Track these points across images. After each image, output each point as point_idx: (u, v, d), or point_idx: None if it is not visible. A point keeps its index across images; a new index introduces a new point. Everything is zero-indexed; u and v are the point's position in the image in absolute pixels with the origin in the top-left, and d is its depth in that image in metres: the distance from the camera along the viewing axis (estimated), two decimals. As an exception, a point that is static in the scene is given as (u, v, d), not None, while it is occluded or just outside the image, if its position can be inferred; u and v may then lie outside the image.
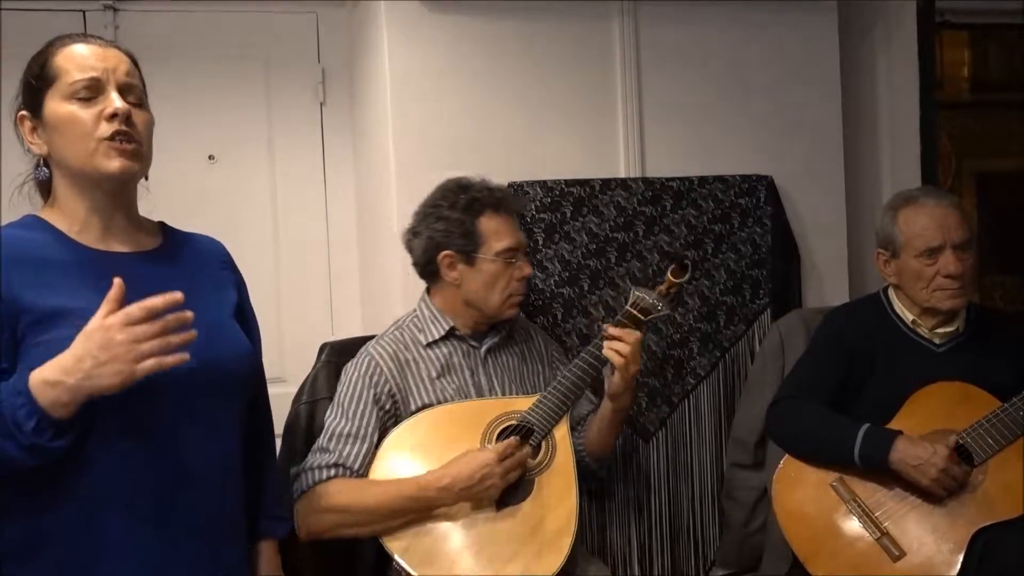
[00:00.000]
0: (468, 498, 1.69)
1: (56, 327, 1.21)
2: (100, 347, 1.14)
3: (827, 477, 1.89)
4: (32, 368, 1.17)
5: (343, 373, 1.87)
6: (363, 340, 2.10)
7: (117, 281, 1.17)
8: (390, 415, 1.81)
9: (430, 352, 1.88)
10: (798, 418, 1.96)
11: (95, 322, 1.16)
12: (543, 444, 1.78)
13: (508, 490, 1.72)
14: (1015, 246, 3.56)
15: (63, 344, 1.17)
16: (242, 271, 1.51)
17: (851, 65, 2.65)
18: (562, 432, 1.80)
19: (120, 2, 2.49)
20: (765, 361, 2.22)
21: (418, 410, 1.82)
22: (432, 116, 2.28)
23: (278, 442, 1.84)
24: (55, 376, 1.15)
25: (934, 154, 2.72)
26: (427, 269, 1.91)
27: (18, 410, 1.14)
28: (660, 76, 2.42)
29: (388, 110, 2.26)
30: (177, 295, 1.17)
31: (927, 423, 1.87)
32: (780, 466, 1.93)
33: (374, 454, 1.77)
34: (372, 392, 1.80)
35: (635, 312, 1.88)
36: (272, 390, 1.57)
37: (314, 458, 1.77)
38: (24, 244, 1.27)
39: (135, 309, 1.15)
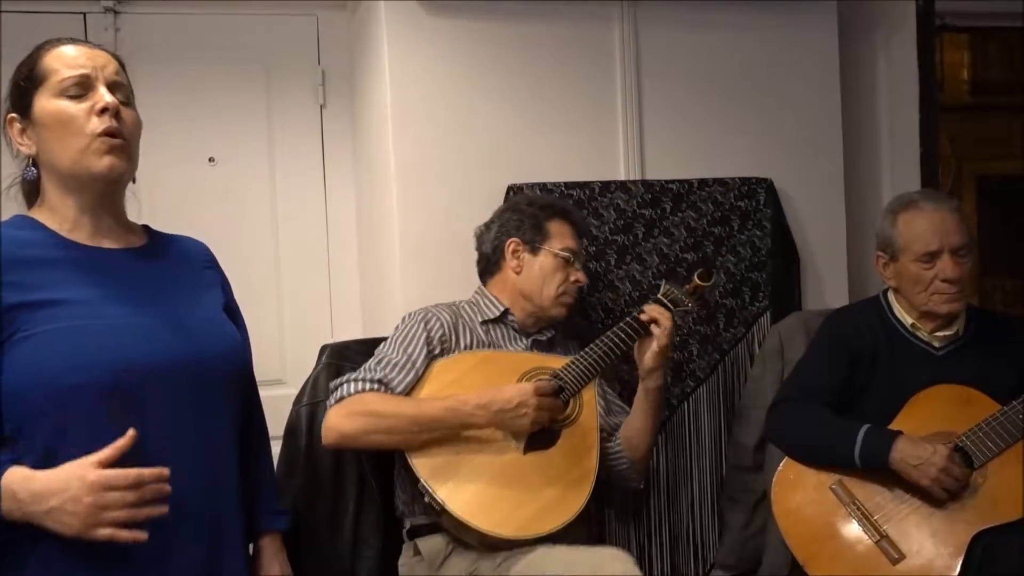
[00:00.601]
0: (501, 423, 1.75)
1: (47, 320, 1.23)
2: (69, 498, 1.16)
3: (827, 479, 1.89)
4: (15, 366, 1.19)
5: (400, 321, 1.94)
6: (363, 342, 2.11)
7: (130, 432, 1.19)
8: (436, 359, 1.87)
9: (480, 328, 1.97)
10: (798, 420, 1.96)
11: (82, 467, 1.17)
12: (572, 402, 1.87)
13: (534, 437, 1.79)
14: (1015, 249, 3.56)
15: (53, 335, 1.18)
16: (242, 273, 1.53)
17: (851, 68, 2.65)
18: (590, 395, 1.89)
19: (121, 4, 2.49)
20: (765, 364, 2.22)
21: None
22: (432, 119, 2.28)
23: (278, 444, 1.85)
24: (22, 493, 1.17)
25: (934, 157, 2.72)
26: (492, 258, 2.02)
27: None
28: (660, 79, 2.42)
29: (388, 112, 2.27)
30: (165, 471, 1.19)
31: (927, 426, 1.87)
32: (780, 469, 1.93)
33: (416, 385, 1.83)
34: (426, 334, 1.88)
35: (666, 301, 1.97)
36: (272, 392, 1.59)
37: (359, 373, 1.82)
38: (12, 244, 1.28)
39: (120, 476, 1.17)
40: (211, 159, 2.58)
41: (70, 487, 1.16)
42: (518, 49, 2.33)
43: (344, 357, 2.03)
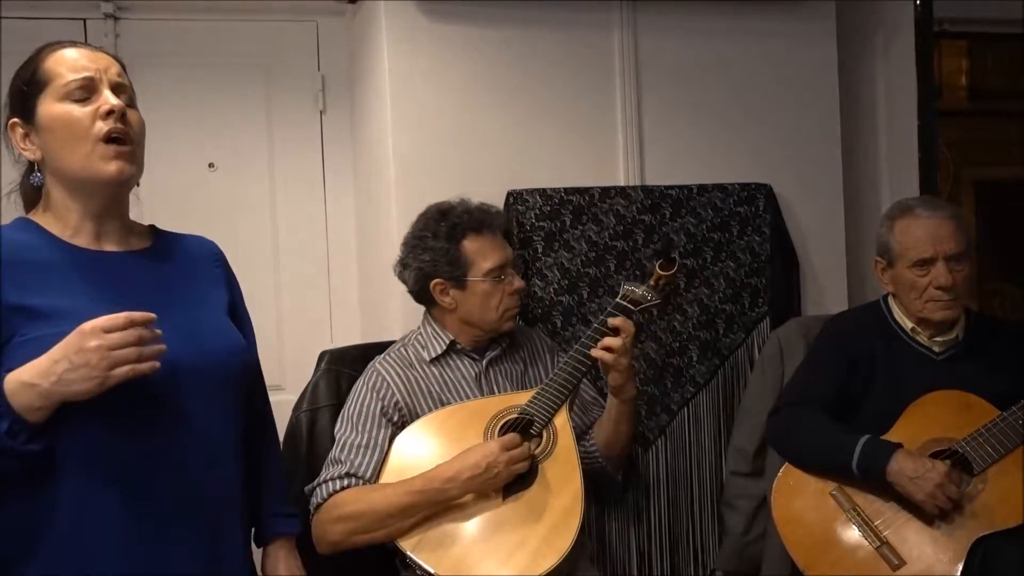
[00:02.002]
0: (474, 488, 1.71)
1: (46, 324, 1.22)
2: (75, 352, 1.14)
3: (827, 486, 1.89)
4: (13, 368, 1.18)
5: (353, 389, 1.89)
6: (362, 348, 2.11)
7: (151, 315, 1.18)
8: (398, 428, 1.84)
9: (434, 368, 1.91)
10: (798, 426, 1.95)
11: (74, 331, 1.16)
12: (544, 433, 1.81)
13: (512, 480, 1.74)
14: (1014, 254, 3.56)
15: (52, 340, 1.17)
16: (241, 279, 1.52)
17: (850, 74, 2.65)
18: (562, 420, 1.83)
19: (121, 11, 2.50)
20: (764, 369, 2.22)
21: None
22: (432, 124, 2.28)
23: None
24: (30, 379, 1.16)
25: (933, 162, 2.72)
26: (422, 297, 1.96)
27: None
28: (659, 84, 2.42)
29: (388, 118, 2.27)
30: (152, 316, 1.18)
31: (926, 431, 1.87)
32: (780, 474, 1.93)
33: (383, 463, 1.79)
34: (380, 405, 1.83)
35: (625, 304, 1.90)
36: (272, 398, 1.58)
37: (326, 471, 1.79)
38: (13, 247, 1.28)
39: (111, 319, 1.15)
40: (211, 165, 2.58)
41: (70, 344, 1.15)
42: (517, 55, 2.34)
43: (343, 363, 2.03)
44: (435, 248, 1.89)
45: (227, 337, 1.39)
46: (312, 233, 2.65)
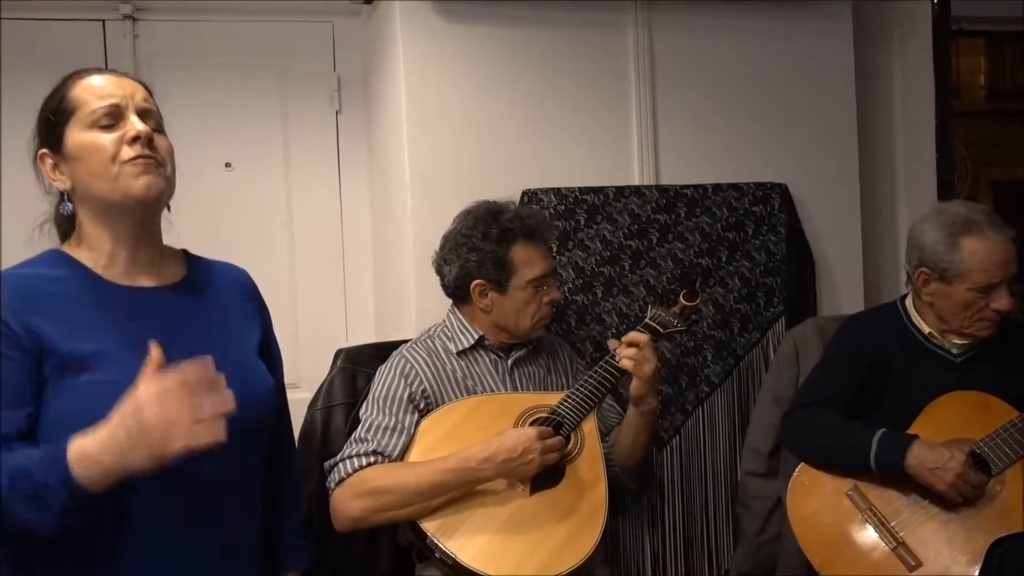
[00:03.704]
0: (508, 472, 1.71)
1: (81, 372, 1.20)
2: (135, 424, 1.10)
3: (842, 486, 1.88)
4: (45, 419, 1.17)
5: (378, 373, 1.89)
6: (377, 346, 2.12)
7: (154, 351, 1.13)
8: (423, 415, 1.84)
9: (461, 361, 1.92)
10: (813, 426, 1.94)
11: (127, 400, 1.12)
12: (572, 436, 1.82)
13: (540, 477, 1.75)
14: (1032, 255, 3.53)
15: (88, 389, 1.16)
16: (257, 277, 1.51)
17: (866, 73, 2.64)
18: (590, 426, 1.84)
19: (139, 12, 2.52)
20: (779, 369, 2.21)
21: None
22: (447, 124, 2.29)
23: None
24: (92, 447, 1.11)
25: (950, 162, 2.71)
26: (457, 293, 1.95)
27: (50, 481, 1.11)
28: (674, 84, 2.42)
29: (403, 118, 2.28)
30: (208, 360, 1.13)
31: (944, 432, 1.86)
32: (795, 475, 1.92)
33: (410, 446, 1.79)
34: (408, 390, 1.83)
35: (654, 325, 1.92)
36: (287, 395, 1.58)
37: (351, 447, 1.78)
38: (44, 284, 1.26)
39: (166, 381, 1.11)
40: (227, 164, 2.59)
41: (125, 414, 1.11)
42: (532, 54, 2.34)
43: (358, 361, 2.04)
44: (483, 249, 1.88)
45: (257, 380, 1.36)
46: (327, 232, 2.66)
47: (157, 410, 1.10)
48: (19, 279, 1.26)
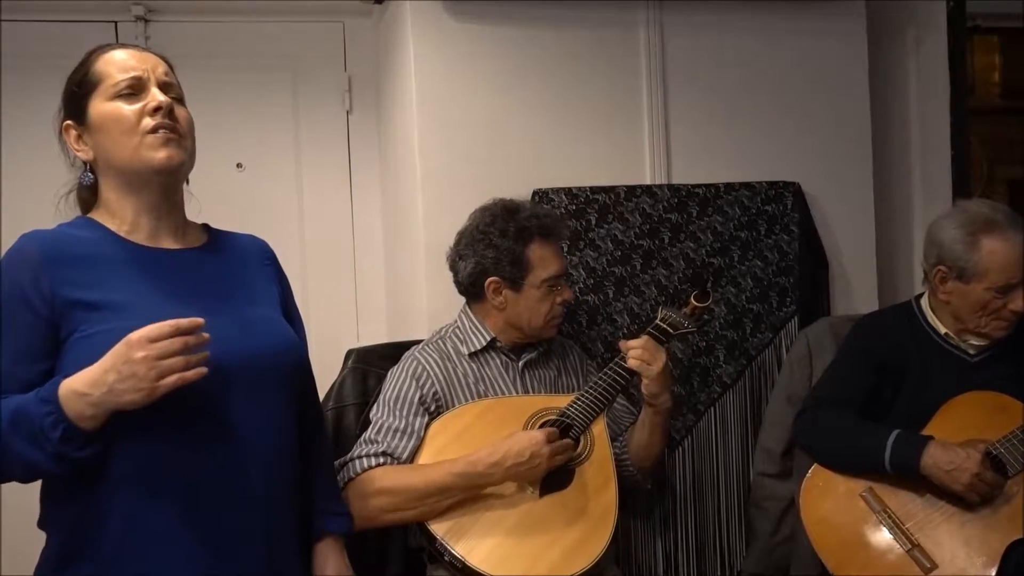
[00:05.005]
0: (516, 476, 1.71)
1: (107, 319, 1.24)
2: (122, 362, 1.16)
3: (856, 487, 1.87)
4: (73, 367, 1.20)
5: (389, 374, 1.90)
6: (388, 346, 2.12)
7: (196, 319, 1.19)
8: (434, 417, 1.84)
9: (472, 363, 1.92)
10: (827, 427, 1.93)
11: (121, 341, 1.18)
12: (582, 438, 1.82)
13: (549, 479, 1.75)
14: (1048, 253, 3.49)
15: (111, 336, 1.19)
16: (269, 277, 1.53)
17: (880, 71, 2.62)
18: (599, 428, 1.83)
19: (151, 13, 2.53)
20: (792, 369, 2.19)
21: None
22: (458, 124, 2.29)
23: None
24: (82, 388, 1.18)
25: (966, 160, 2.68)
26: (471, 290, 1.95)
27: (45, 419, 1.17)
28: (686, 82, 2.41)
29: (414, 118, 2.27)
30: (199, 321, 1.19)
31: (960, 433, 1.84)
32: (808, 476, 1.91)
33: (420, 448, 1.79)
34: (419, 393, 1.84)
35: (664, 326, 1.91)
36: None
37: (360, 448, 1.79)
38: (70, 241, 1.31)
39: (156, 328, 1.17)
40: (239, 165, 2.60)
41: (118, 355, 1.16)
42: (544, 54, 2.33)
43: (369, 362, 2.04)
44: (500, 246, 1.89)
45: (281, 333, 1.40)
46: (339, 232, 2.67)
47: (145, 352, 1.15)
48: (45, 234, 1.32)
